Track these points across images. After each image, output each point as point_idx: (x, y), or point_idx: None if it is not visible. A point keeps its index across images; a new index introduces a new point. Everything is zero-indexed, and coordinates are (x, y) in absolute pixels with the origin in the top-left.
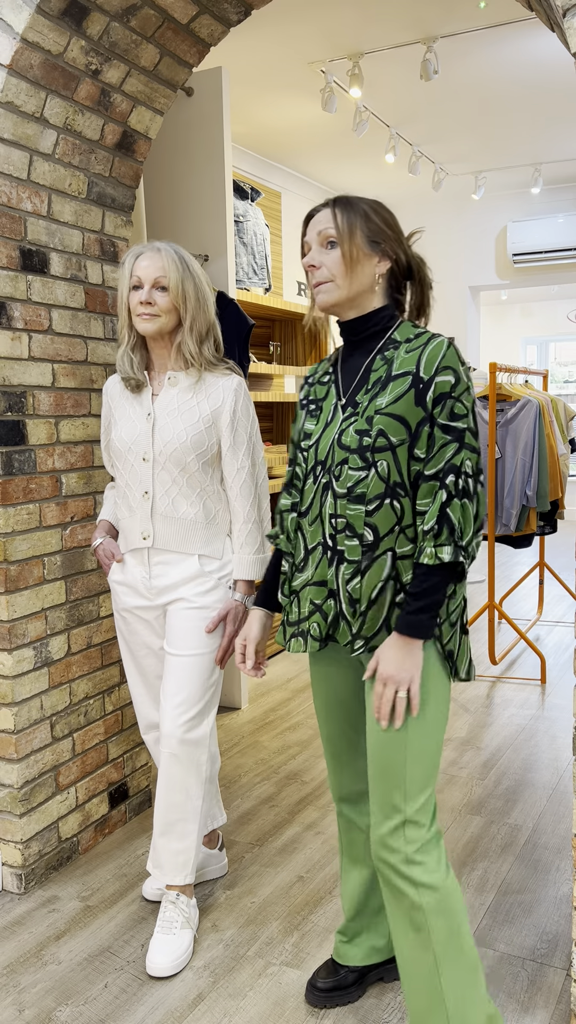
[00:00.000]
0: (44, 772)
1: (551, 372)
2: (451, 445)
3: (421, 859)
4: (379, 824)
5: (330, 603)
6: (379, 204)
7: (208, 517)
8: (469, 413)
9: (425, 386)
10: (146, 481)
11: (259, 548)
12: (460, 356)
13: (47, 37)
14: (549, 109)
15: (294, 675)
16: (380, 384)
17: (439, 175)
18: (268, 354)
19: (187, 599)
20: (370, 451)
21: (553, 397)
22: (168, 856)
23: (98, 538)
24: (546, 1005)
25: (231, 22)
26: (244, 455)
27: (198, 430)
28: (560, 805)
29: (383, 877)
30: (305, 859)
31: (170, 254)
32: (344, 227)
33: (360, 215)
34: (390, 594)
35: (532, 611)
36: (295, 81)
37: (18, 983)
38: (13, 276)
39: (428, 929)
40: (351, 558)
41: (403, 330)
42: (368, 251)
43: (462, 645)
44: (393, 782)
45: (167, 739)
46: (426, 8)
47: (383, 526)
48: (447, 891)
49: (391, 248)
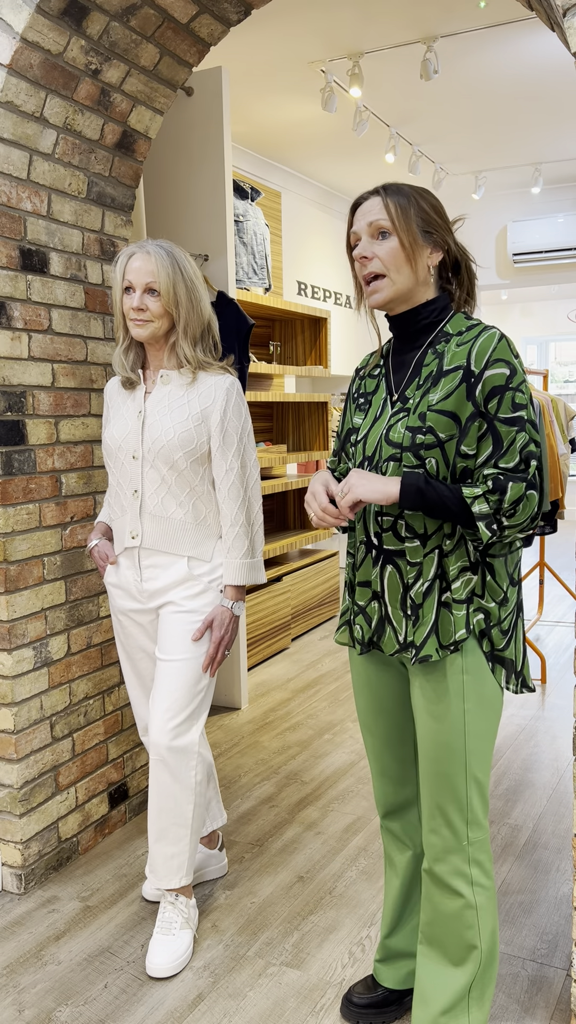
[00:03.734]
0: (44, 772)
1: (551, 372)
2: (521, 435)
3: (481, 858)
4: (439, 828)
5: (374, 605)
6: (427, 191)
7: (198, 518)
8: (529, 403)
9: (476, 380)
10: (135, 479)
11: (247, 552)
12: (512, 348)
13: (47, 37)
14: (549, 109)
15: (294, 675)
16: (432, 379)
17: (439, 175)
18: (268, 354)
19: (176, 603)
20: (422, 448)
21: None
22: (162, 861)
23: (94, 540)
24: (546, 1005)
25: (231, 22)
26: (234, 456)
27: (187, 427)
28: (560, 805)
29: (437, 879)
30: (305, 859)
31: (160, 256)
32: (399, 216)
33: (413, 203)
34: (437, 594)
35: (532, 611)
36: (295, 81)
37: (18, 983)
38: (13, 276)
39: (478, 928)
40: (411, 559)
41: (455, 322)
42: (422, 241)
43: (525, 655)
44: (452, 785)
45: (155, 746)
46: (426, 8)
47: (431, 524)
48: (493, 889)
49: (442, 238)
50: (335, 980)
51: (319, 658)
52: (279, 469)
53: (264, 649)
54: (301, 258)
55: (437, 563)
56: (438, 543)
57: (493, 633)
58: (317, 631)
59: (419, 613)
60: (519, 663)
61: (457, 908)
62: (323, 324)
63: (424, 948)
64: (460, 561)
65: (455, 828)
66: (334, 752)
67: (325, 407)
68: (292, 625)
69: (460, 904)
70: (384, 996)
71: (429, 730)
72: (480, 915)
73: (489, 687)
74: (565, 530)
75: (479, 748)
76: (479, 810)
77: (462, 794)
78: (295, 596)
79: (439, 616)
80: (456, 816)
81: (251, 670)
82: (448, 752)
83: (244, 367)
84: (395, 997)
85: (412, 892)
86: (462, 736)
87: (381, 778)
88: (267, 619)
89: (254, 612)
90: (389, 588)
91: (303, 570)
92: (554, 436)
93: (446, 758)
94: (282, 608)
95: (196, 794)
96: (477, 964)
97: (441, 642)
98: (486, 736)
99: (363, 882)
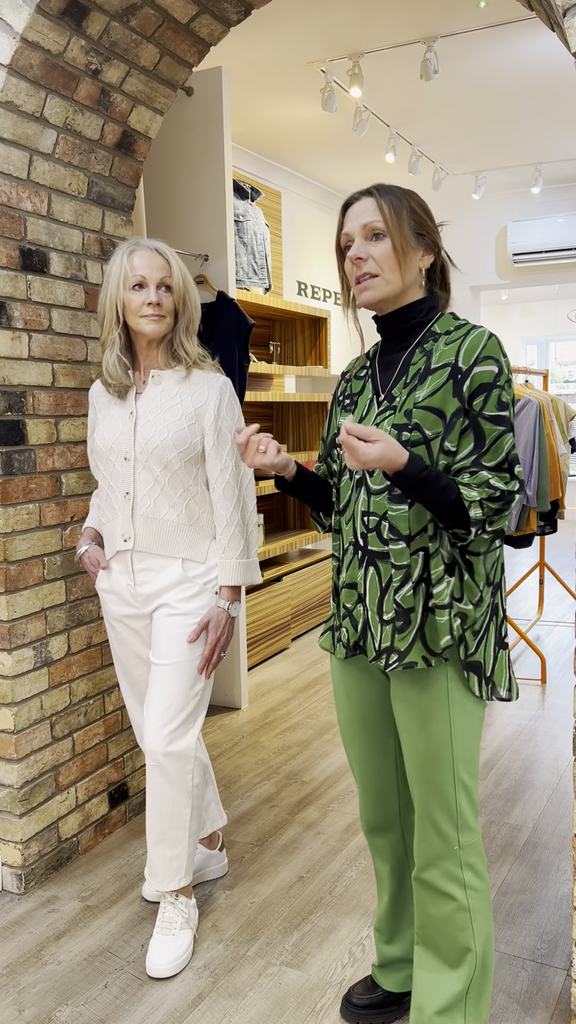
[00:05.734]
0: (44, 772)
1: (551, 372)
2: (507, 436)
3: (473, 861)
4: (429, 835)
5: (359, 608)
6: (414, 192)
7: (191, 519)
8: (511, 405)
9: (464, 376)
10: (127, 481)
11: (243, 552)
12: (501, 347)
13: (47, 37)
14: (549, 109)
15: (294, 675)
16: (419, 377)
17: (439, 175)
18: (268, 354)
19: (171, 605)
20: (408, 445)
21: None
22: (161, 864)
23: (83, 545)
24: (546, 1005)
25: (231, 22)
26: (228, 455)
27: (180, 427)
28: (560, 805)
29: (427, 886)
30: (305, 859)
31: (171, 253)
32: (392, 217)
33: (405, 205)
34: (423, 598)
35: (532, 611)
36: (295, 81)
37: (18, 983)
38: (13, 276)
39: (472, 930)
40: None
41: (443, 322)
42: (414, 243)
43: (498, 660)
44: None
45: (151, 752)
46: (426, 8)
47: (415, 524)
48: (487, 890)
49: (433, 240)
50: (335, 980)
51: (319, 658)
52: None
53: (264, 649)
54: (301, 258)
55: (422, 565)
56: (422, 545)
57: (467, 636)
58: (317, 631)
59: (409, 617)
60: (488, 668)
61: (450, 911)
62: (323, 324)
63: (420, 950)
64: (442, 563)
65: (445, 834)
66: (334, 752)
67: (325, 407)
68: (292, 625)
69: (453, 907)
70: (384, 997)
71: (415, 739)
72: (474, 917)
73: (472, 692)
74: (565, 530)
75: (466, 753)
76: (468, 814)
77: (451, 800)
78: (295, 596)
79: (425, 621)
80: (446, 822)
81: (251, 670)
82: (435, 761)
83: (244, 367)
84: (395, 998)
85: (404, 904)
86: (449, 744)
87: (364, 793)
88: (267, 619)
89: (254, 612)
90: (370, 591)
91: (303, 570)
92: (554, 436)
93: (433, 766)
94: (282, 608)
95: (193, 796)
96: (472, 966)
97: (431, 649)
98: (472, 739)
99: (363, 882)
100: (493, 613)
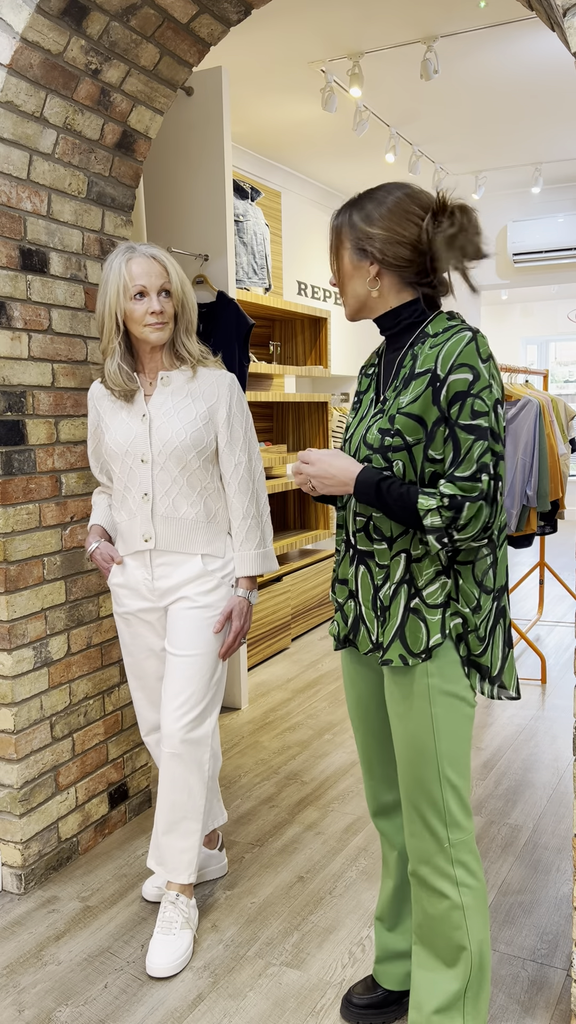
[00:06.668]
0: (44, 772)
1: (551, 372)
2: (478, 444)
3: (465, 858)
4: (418, 831)
5: (350, 604)
6: (377, 190)
7: (209, 516)
8: (491, 411)
9: (441, 384)
10: (145, 483)
11: (260, 543)
12: (482, 351)
13: (47, 36)
14: (549, 109)
15: (294, 675)
16: (404, 381)
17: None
18: (268, 354)
19: (190, 598)
20: (390, 450)
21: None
22: (173, 854)
23: (93, 543)
24: (546, 1005)
25: (231, 22)
26: (241, 450)
27: (196, 427)
28: (560, 805)
29: (422, 882)
30: (305, 859)
31: (167, 257)
32: (333, 245)
33: (347, 224)
34: (404, 598)
35: (532, 611)
36: (295, 81)
37: (18, 983)
38: (13, 276)
39: (467, 928)
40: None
41: (437, 323)
42: (358, 261)
43: (507, 661)
44: (427, 789)
45: (169, 739)
46: (426, 8)
47: (396, 527)
48: (482, 889)
49: (377, 250)
50: (335, 980)
51: (319, 658)
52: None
53: (264, 649)
54: (301, 258)
55: (404, 567)
56: (404, 547)
57: (470, 638)
58: (317, 631)
59: (387, 615)
60: (495, 669)
61: (444, 909)
62: (323, 324)
63: (417, 948)
64: (433, 565)
65: (434, 831)
66: (334, 752)
67: (325, 407)
68: (292, 625)
69: (447, 905)
70: (384, 996)
71: (399, 732)
72: (468, 915)
73: (460, 690)
74: (565, 530)
75: (451, 751)
76: (457, 812)
77: (437, 797)
78: (295, 596)
79: (406, 621)
80: (434, 819)
81: (251, 670)
82: (419, 755)
83: (244, 367)
84: (395, 997)
85: (406, 891)
86: (431, 739)
87: (369, 776)
88: (267, 619)
89: (254, 612)
90: (362, 588)
91: (303, 570)
92: (554, 436)
93: (418, 761)
94: (282, 608)
95: (207, 788)
96: (468, 965)
97: (410, 649)
98: (458, 738)
99: (363, 882)
100: (500, 616)
